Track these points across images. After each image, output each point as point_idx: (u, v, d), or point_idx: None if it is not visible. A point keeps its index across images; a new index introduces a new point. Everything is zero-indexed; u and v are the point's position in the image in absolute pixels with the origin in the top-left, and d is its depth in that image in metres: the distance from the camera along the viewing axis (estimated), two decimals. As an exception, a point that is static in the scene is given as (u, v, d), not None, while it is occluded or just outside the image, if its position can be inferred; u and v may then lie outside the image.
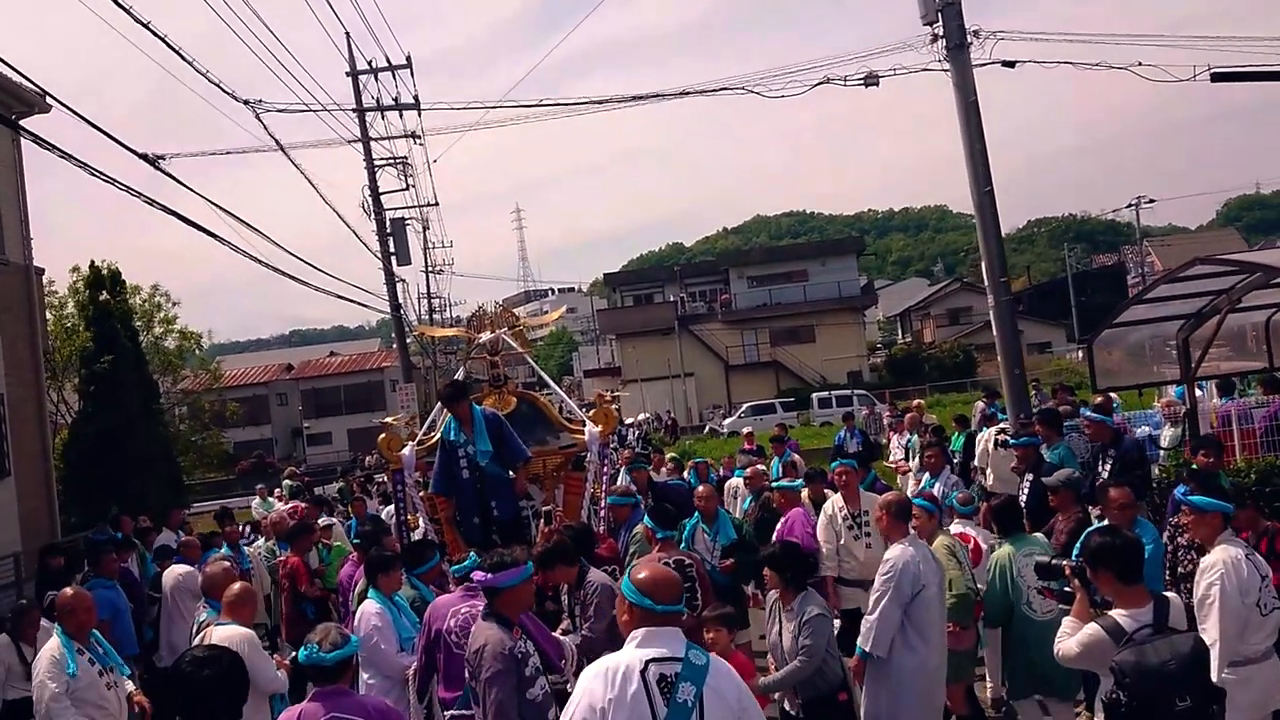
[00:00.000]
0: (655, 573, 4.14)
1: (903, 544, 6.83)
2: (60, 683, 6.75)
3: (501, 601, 5.62)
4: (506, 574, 5.57)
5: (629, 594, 4.09)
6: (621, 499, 9.60)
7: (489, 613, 5.62)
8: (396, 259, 33.42)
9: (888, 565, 6.71)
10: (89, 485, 18.45)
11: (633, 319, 62.64)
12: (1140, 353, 15.82)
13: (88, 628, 7.17)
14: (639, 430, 36.13)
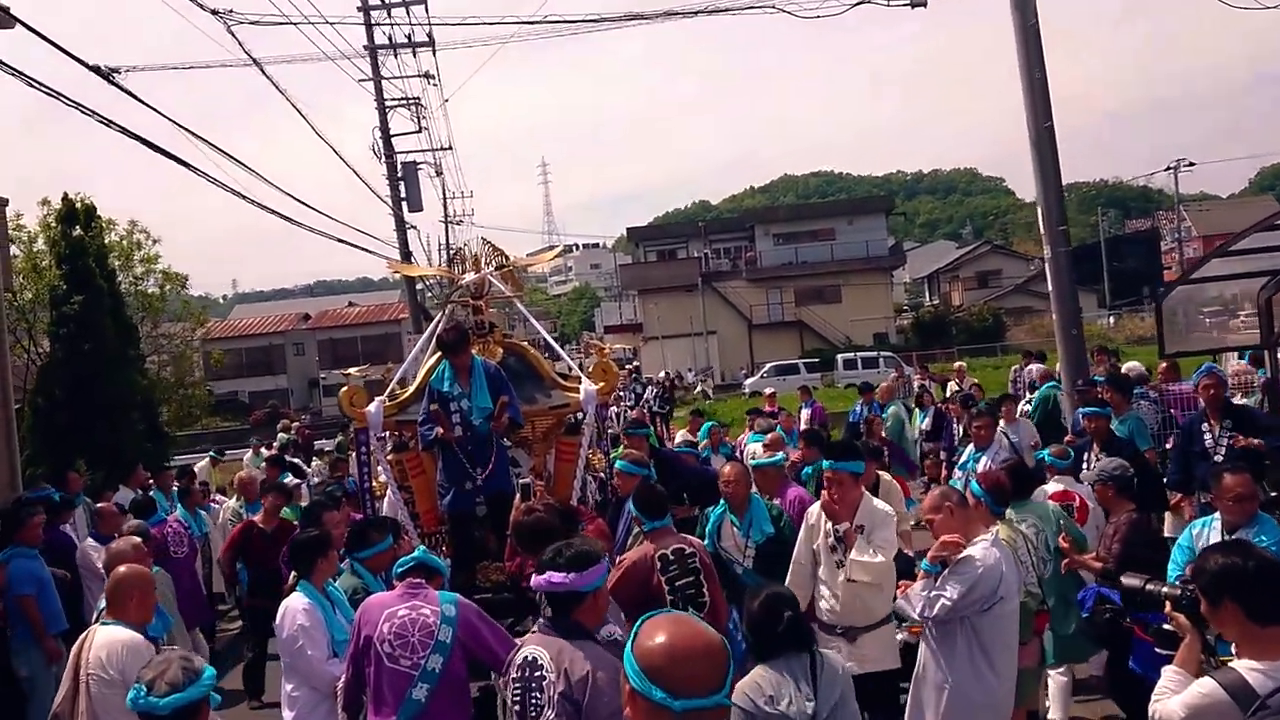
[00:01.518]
0: (678, 640, 2.52)
1: (987, 541, 5.43)
2: None
3: (584, 610, 4.26)
4: (594, 571, 4.25)
5: (633, 676, 2.51)
6: (631, 466, 8.18)
7: (569, 627, 4.21)
8: (408, 205, 32.14)
9: (970, 565, 5.32)
10: (58, 435, 17.21)
11: (656, 274, 61.15)
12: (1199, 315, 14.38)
13: None
14: (658, 389, 34.54)
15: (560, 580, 4.18)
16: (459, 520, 8.36)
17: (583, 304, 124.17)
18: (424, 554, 5.33)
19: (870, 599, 6.30)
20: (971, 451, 9.41)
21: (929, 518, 5.62)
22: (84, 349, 17.71)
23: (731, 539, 7.43)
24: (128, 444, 17.62)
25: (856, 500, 6.47)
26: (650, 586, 6.21)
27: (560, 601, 4.23)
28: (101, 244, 20.05)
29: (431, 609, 5.14)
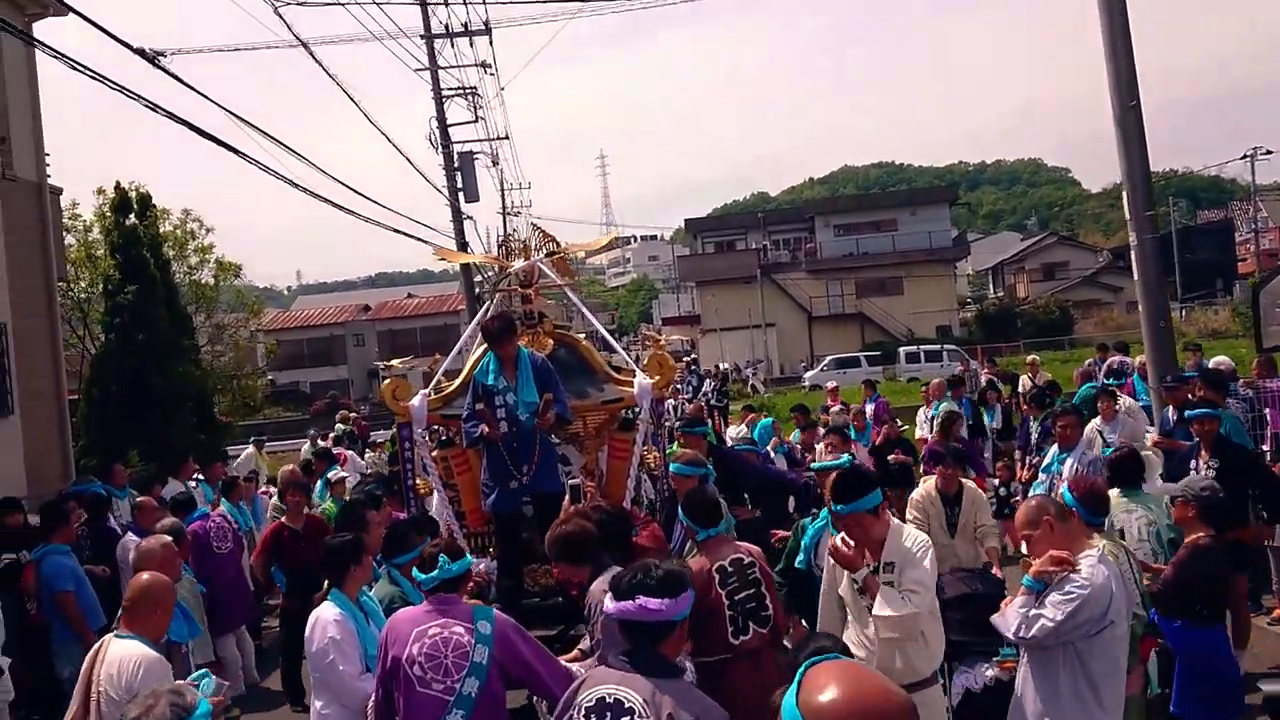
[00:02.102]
0: (865, 699, 1.95)
1: (1093, 557, 4.85)
2: None
3: (671, 642, 3.73)
4: (687, 597, 3.73)
5: None
6: (686, 468, 7.55)
7: (655, 663, 3.62)
8: (464, 195, 31.86)
9: (1074, 585, 4.72)
10: (111, 426, 17.05)
11: (714, 266, 60.51)
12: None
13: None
14: (715, 381, 33.95)
15: (656, 608, 3.61)
16: (504, 521, 7.91)
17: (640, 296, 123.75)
18: (445, 566, 4.82)
19: (913, 653, 5.13)
20: (1056, 453, 8.76)
21: (1026, 533, 5.03)
22: (137, 339, 17.54)
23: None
24: (180, 435, 17.42)
25: (881, 536, 5.27)
26: (708, 600, 5.70)
27: (645, 632, 3.65)
28: (155, 233, 19.88)
29: (465, 627, 4.67)
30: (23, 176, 15.12)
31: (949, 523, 7.85)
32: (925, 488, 8.14)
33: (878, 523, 5.26)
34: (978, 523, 7.91)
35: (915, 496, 8.03)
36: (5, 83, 14.88)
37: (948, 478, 8.02)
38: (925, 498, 8.02)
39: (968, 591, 6.57)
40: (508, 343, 7.70)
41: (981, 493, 8.33)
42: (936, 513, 7.88)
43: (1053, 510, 4.97)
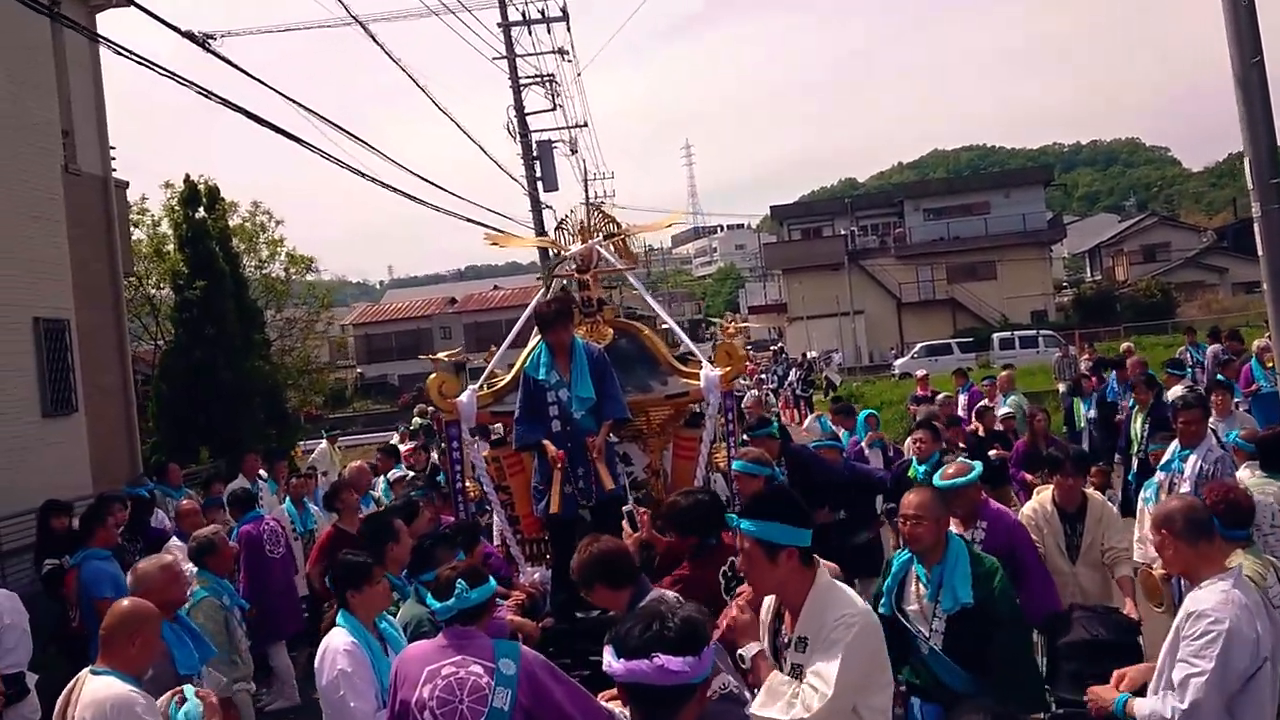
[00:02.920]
0: None
1: (1224, 583, 4.01)
2: None
3: (691, 708, 2.90)
4: (709, 653, 2.93)
5: None
6: (752, 467, 6.83)
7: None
8: (543, 184, 31.43)
9: (1206, 622, 3.91)
10: (180, 422, 16.80)
11: (800, 253, 59.40)
12: None
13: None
14: (801, 371, 32.98)
15: (679, 670, 2.79)
16: (559, 527, 7.26)
17: (727, 285, 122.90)
18: (462, 594, 4.16)
19: None
20: (1177, 449, 7.78)
21: (1156, 538, 4.23)
22: (205, 334, 17.27)
23: (916, 599, 4.95)
24: (250, 431, 17.12)
25: (800, 594, 3.72)
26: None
27: (660, 699, 2.82)
28: (224, 227, 19.62)
29: (484, 666, 4.01)
30: (87, 170, 14.89)
31: (1069, 545, 6.63)
32: (1040, 500, 6.91)
33: (798, 574, 3.70)
34: (1106, 545, 6.59)
35: (1027, 512, 6.83)
36: (68, 76, 14.64)
37: (1068, 489, 6.71)
38: (1039, 513, 6.79)
39: (1088, 638, 5.42)
40: (562, 329, 7.03)
41: (1112, 508, 6.94)
42: (1053, 532, 6.68)
43: (1179, 523, 4.13)
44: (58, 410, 13.51)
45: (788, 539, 3.68)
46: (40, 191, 13.59)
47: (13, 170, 13.10)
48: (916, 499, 4.99)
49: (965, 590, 4.73)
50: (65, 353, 13.71)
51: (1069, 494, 6.68)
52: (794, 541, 3.69)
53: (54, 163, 14.01)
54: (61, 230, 13.97)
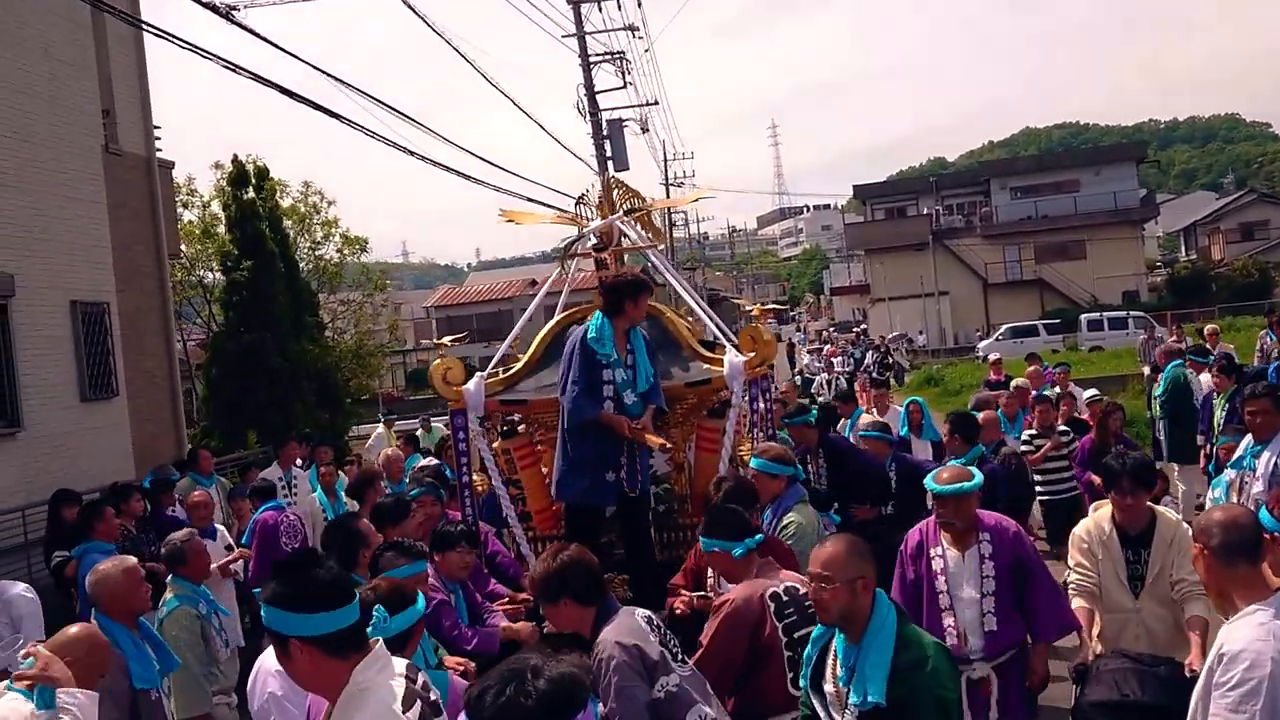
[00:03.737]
0: None
1: (1264, 614, 3.30)
2: None
3: None
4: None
5: None
6: (772, 465, 6.14)
7: None
8: (614, 164, 30.94)
9: (1241, 669, 3.22)
10: (228, 406, 16.57)
11: (883, 233, 58.07)
12: None
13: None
14: (877, 354, 32.03)
15: None
16: (584, 517, 6.71)
17: (813, 267, 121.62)
18: (380, 622, 3.60)
19: None
20: (1250, 444, 6.93)
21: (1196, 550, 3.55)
22: (254, 317, 17.00)
23: (832, 682, 3.94)
24: (301, 415, 16.84)
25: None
26: (763, 637, 4.42)
27: None
28: (275, 207, 19.33)
29: None
30: (129, 150, 14.66)
31: (1131, 576, 5.30)
32: (1096, 520, 5.55)
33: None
34: (1176, 576, 5.18)
35: (1079, 533, 5.56)
36: (109, 55, 14.40)
37: (1127, 509, 5.32)
38: (1095, 534, 5.46)
39: (1116, 697, 4.46)
40: (636, 302, 6.58)
41: (1185, 529, 5.24)
42: (1112, 559, 5.35)
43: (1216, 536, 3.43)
44: (97, 394, 13.31)
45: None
46: (79, 172, 13.37)
47: (51, 150, 12.89)
48: (827, 552, 3.87)
49: (878, 686, 3.67)
50: (105, 336, 13.50)
51: (1131, 514, 5.31)
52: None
53: (94, 143, 13.79)
54: (102, 211, 13.75)
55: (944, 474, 5.39)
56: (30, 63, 12.61)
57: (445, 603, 5.68)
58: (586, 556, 4.19)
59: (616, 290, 6.58)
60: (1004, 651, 5.23)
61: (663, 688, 3.85)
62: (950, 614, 5.24)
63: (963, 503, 5.24)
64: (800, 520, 5.81)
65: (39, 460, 12.08)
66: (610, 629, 3.99)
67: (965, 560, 5.26)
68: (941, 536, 5.37)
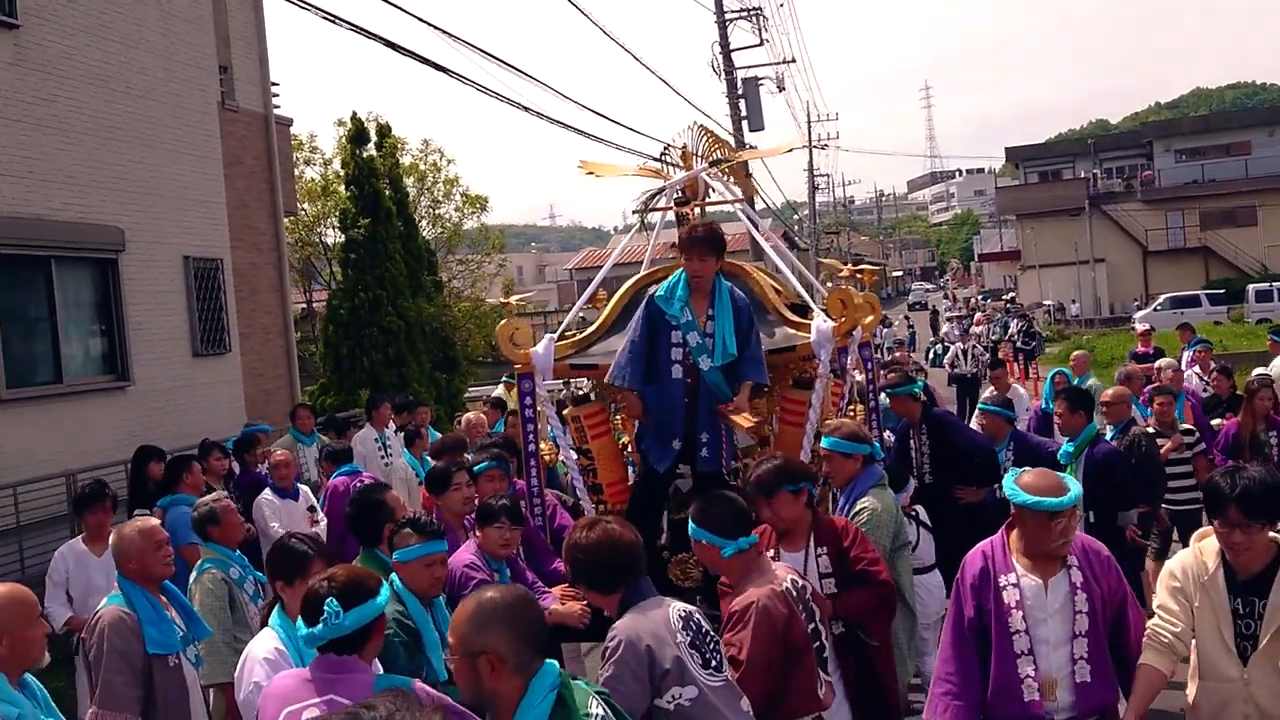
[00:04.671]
0: None
1: None
2: None
3: None
4: None
5: None
6: (846, 444, 5.53)
7: None
8: (749, 124, 30.31)
9: None
10: (344, 365, 16.56)
11: (1036, 197, 55.68)
12: None
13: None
14: (1022, 323, 30.50)
15: None
16: (648, 485, 6.24)
17: (963, 232, 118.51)
18: (332, 619, 3.17)
19: None
20: None
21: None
22: (370, 275, 16.92)
23: None
24: (415, 375, 16.74)
25: None
26: (794, 633, 3.93)
27: None
28: (394, 165, 19.19)
29: None
30: (246, 107, 14.65)
31: (1240, 634, 3.95)
32: (1198, 553, 4.10)
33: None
34: None
35: (1173, 568, 4.17)
36: (227, 11, 14.38)
37: (1238, 546, 3.89)
38: (1193, 572, 4.07)
39: None
40: (709, 257, 5.94)
41: None
42: (1213, 608, 3.99)
43: None
44: (209, 350, 13.35)
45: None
46: (194, 128, 13.37)
47: (166, 106, 12.90)
48: (456, 613, 2.90)
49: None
50: (218, 292, 13.52)
51: (1243, 553, 3.90)
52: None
53: (210, 99, 13.78)
54: (217, 168, 13.76)
55: (1027, 477, 4.12)
56: (145, 18, 12.61)
57: (485, 583, 5.27)
58: (608, 540, 3.69)
59: (687, 242, 6.02)
60: (1095, 712, 4.06)
61: (673, 699, 3.36)
62: (1030, 661, 3.99)
63: (1044, 522, 4.00)
64: (875, 506, 5.22)
65: (148, 415, 12.16)
66: (629, 619, 3.51)
67: (1049, 592, 4.05)
68: (1015, 560, 4.13)
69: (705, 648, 3.53)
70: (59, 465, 10.59)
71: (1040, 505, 3.96)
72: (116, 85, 12.16)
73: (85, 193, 11.59)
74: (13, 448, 10.44)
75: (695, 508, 4.35)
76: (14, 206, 10.75)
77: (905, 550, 5.32)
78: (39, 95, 11.15)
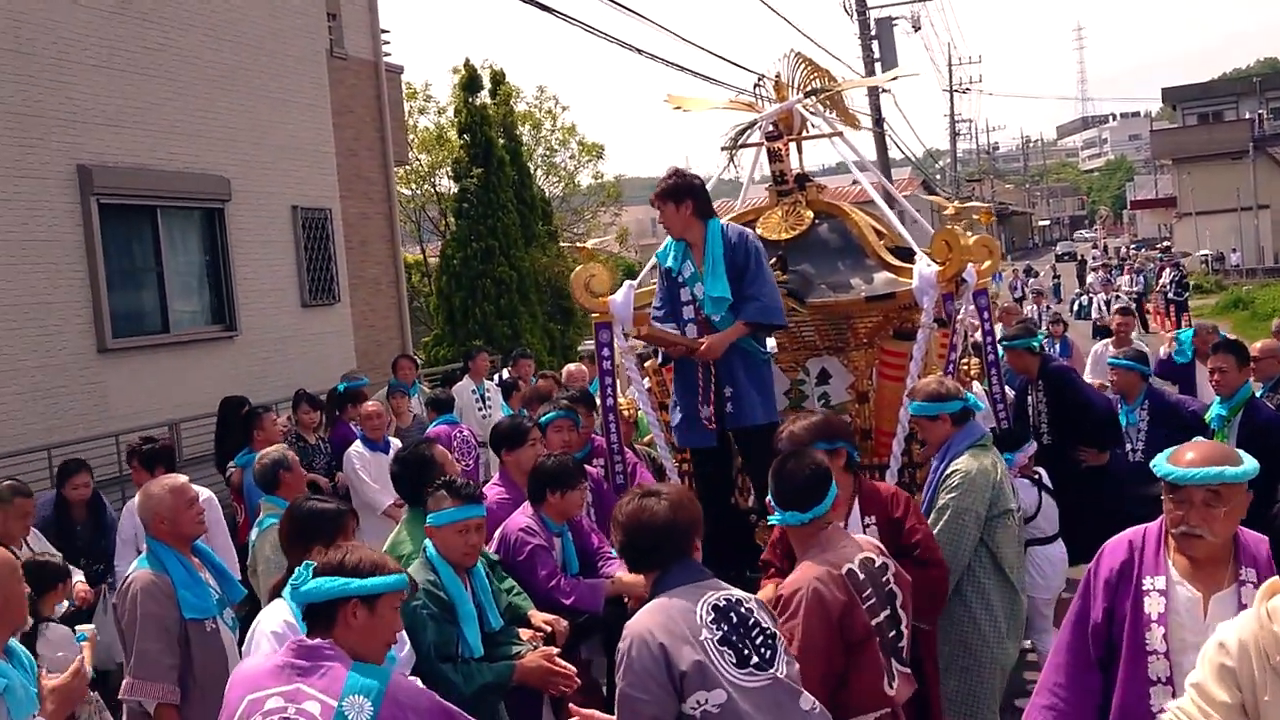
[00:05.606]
0: None
1: None
2: None
3: None
4: None
5: None
6: (931, 405, 4.93)
7: None
8: (881, 67, 29.21)
9: None
10: (458, 317, 16.39)
11: (1193, 140, 52.70)
12: None
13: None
14: (1175, 272, 28.80)
15: None
16: (701, 460, 5.81)
17: (1116, 179, 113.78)
18: (303, 584, 2.81)
19: None
20: None
21: None
22: (483, 225, 16.69)
23: None
24: (527, 327, 16.50)
25: None
26: (854, 624, 3.43)
27: None
28: (508, 113, 18.87)
29: (322, 704, 2.66)
30: (355, 55, 14.47)
31: None
32: (1263, 616, 2.54)
33: None
34: None
35: (1228, 640, 2.60)
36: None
37: None
38: (1265, 647, 2.52)
39: None
40: (665, 208, 5.50)
41: None
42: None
43: None
44: (318, 300, 13.28)
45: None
46: (302, 76, 13.24)
47: (273, 54, 12.78)
48: None
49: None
50: (327, 242, 13.42)
51: None
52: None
53: (318, 47, 13.63)
54: (325, 117, 13.62)
55: (1187, 451, 3.09)
56: (250, -34, 12.48)
57: (542, 547, 4.87)
58: (639, 516, 3.23)
59: (659, 194, 5.56)
60: None
61: (698, 705, 2.89)
62: (1166, 692, 3.06)
63: (1220, 502, 3.02)
64: (968, 469, 4.62)
65: (255, 364, 12.14)
66: (645, 614, 3.06)
67: (1208, 609, 3.08)
68: (1169, 559, 3.18)
69: (747, 642, 3.02)
70: (164, 415, 10.61)
71: (1194, 479, 2.99)
72: (224, 34, 12.08)
73: (191, 142, 11.54)
74: (118, 397, 10.49)
75: (772, 470, 3.88)
76: (120, 156, 10.74)
77: (1006, 518, 4.70)
78: (145, 45, 11.10)
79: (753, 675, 2.97)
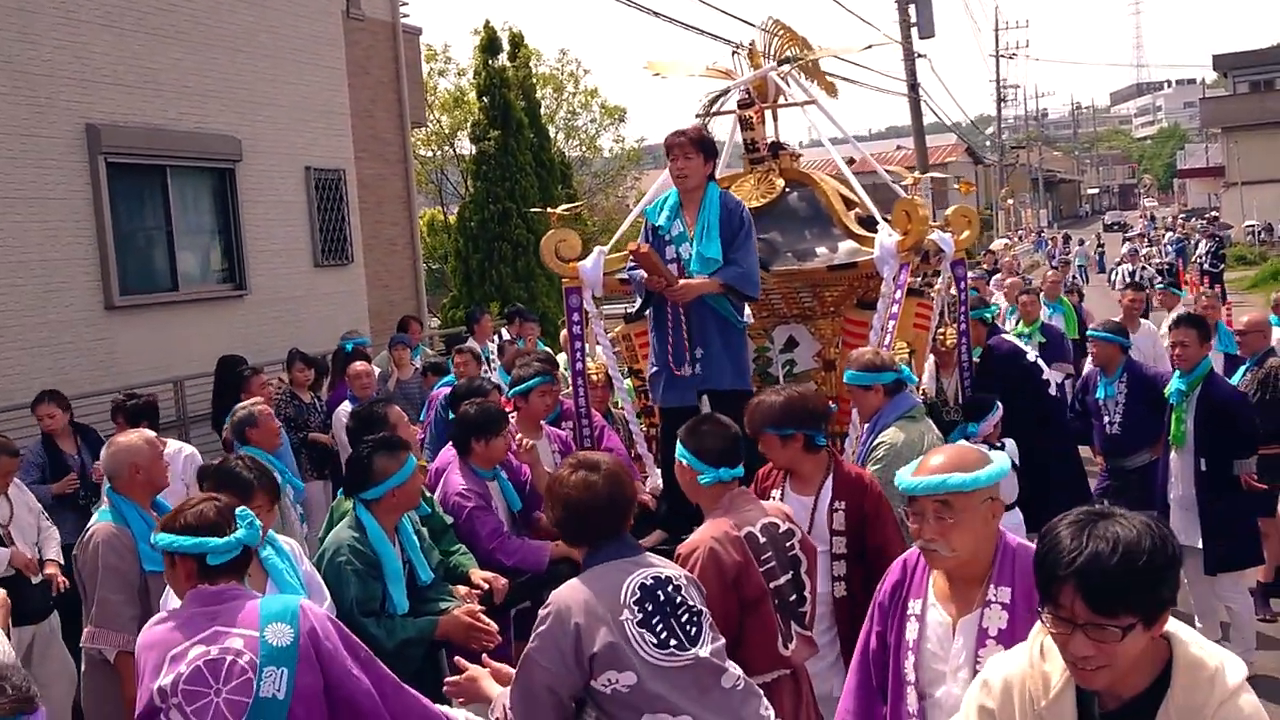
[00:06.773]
0: None
1: None
2: None
3: None
4: None
5: None
6: (863, 375, 4.92)
7: None
8: (918, 30, 28.92)
9: None
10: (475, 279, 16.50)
11: (1244, 109, 51.62)
12: None
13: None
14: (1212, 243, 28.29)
15: None
16: (674, 420, 5.84)
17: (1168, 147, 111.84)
18: (247, 529, 2.93)
19: None
20: None
21: None
22: (500, 187, 16.76)
23: None
24: (544, 289, 16.60)
25: None
26: (747, 584, 3.49)
27: None
28: (527, 75, 18.85)
29: (245, 637, 2.81)
30: (372, 15, 14.51)
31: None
32: (1034, 656, 2.26)
33: None
34: None
35: (990, 678, 2.37)
36: (354, -86, 14.21)
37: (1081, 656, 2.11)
38: (1030, 691, 2.25)
39: None
40: (680, 160, 5.43)
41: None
42: None
43: None
44: (331, 261, 13.40)
45: None
46: (318, 36, 13.27)
47: (288, 13, 12.80)
48: None
49: None
50: (340, 203, 13.51)
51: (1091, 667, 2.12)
52: None
53: (334, 6, 13.65)
54: (340, 78, 13.66)
55: (931, 458, 2.90)
56: (265, -76, 12.52)
57: (479, 508, 4.97)
58: (578, 489, 3.18)
59: (671, 145, 5.53)
60: None
61: (609, 683, 2.92)
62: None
63: (950, 513, 2.77)
64: (894, 441, 4.62)
65: (266, 324, 12.27)
66: (569, 589, 3.03)
67: (957, 633, 2.89)
68: (933, 582, 2.97)
69: (671, 622, 3.03)
70: (171, 373, 10.77)
71: (918, 489, 2.81)
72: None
73: (202, 102, 11.63)
74: (125, 354, 10.65)
75: (685, 427, 3.92)
76: (129, 116, 10.84)
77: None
78: (156, 3, 11.17)
79: (673, 656, 2.96)
